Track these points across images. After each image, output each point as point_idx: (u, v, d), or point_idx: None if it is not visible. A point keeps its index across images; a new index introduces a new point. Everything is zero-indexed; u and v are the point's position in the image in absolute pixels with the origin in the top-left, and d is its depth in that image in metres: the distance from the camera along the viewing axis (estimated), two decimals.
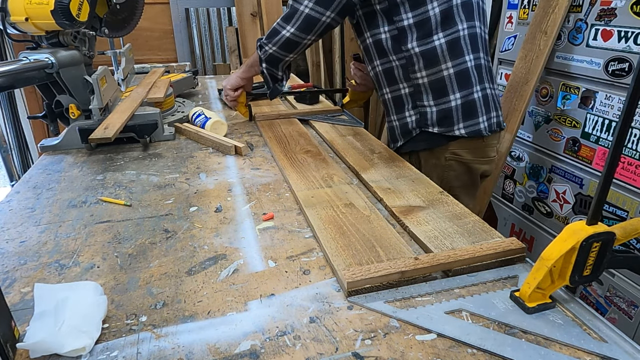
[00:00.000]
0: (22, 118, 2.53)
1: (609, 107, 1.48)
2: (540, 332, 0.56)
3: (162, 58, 2.91)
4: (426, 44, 1.09)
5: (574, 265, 0.57)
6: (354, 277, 0.63)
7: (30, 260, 0.73)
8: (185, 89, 1.85)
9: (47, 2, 1.08)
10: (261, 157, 1.18)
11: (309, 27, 1.11)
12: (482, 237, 0.76)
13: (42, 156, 1.21)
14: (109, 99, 1.26)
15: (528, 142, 1.88)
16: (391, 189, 0.95)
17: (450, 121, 1.14)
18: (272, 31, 1.17)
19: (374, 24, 1.15)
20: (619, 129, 0.51)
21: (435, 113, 1.14)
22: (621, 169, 1.44)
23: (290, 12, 1.12)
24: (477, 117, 1.14)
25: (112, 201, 0.93)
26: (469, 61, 1.11)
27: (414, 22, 1.08)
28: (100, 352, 0.54)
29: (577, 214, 1.67)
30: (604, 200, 0.55)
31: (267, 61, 1.24)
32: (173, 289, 0.66)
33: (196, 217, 0.87)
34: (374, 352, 0.54)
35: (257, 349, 0.54)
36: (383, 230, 0.79)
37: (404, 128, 1.22)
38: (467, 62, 1.11)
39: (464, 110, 1.13)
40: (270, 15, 2.90)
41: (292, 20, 1.12)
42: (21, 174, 2.40)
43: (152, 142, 1.28)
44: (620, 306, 1.50)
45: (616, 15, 1.41)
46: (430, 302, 0.62)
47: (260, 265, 0.71)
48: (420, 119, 1.17)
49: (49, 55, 1.17)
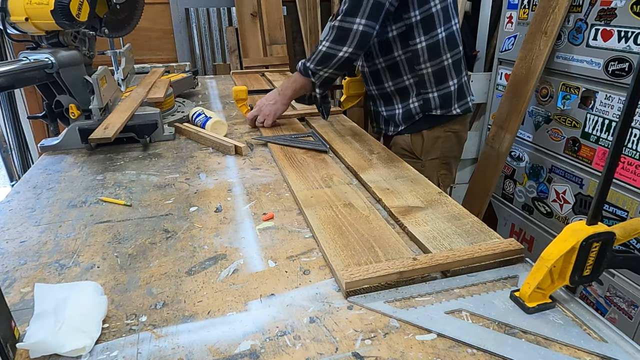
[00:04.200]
0: (22, 118, 2.53)
1: (609, 107, 1.48)
2: (540, 332, 0.56)
3: (162, 58, 2.91)
4: (431, 37, 1.21)
5: (574, 265, 0.57)
6: (353, 277, 0.63)
7: (30, 260, 0.73)
8: (185, 89, 1.85)
9: (47, 2, 1.08)
10: (261, 157, 1.18)
11: (365, 42, 1.15)
12: (480, 238, 0.76)
13: (42, 156, 1.21)
14: (109, 99, 1.26)
15: (528, 142, 1.88)
16: (390, 189, 0.95)
17: (449, 103, 1.30)
18: (323, 56, 1.19)
19: (382, 24, 1.19)
20: (619, 129, 0.51)
21: (437, 98, 1.28)
22: (621, 169, 1.44)
23: (342, 34, 1.14)
24: (466, 97, 1.34)
25: (112, 201, 0.93)
26: (460, 51, 1.28)
27: (420, 19, 1.18)
28: (100, 352, 0.54)
29: (577, 214, 1.67)
30: (604, 200, 0.55)
31: (321, 85, 1.28)
32: (173, 289, 0.66)
33: (196, 217, 0.87)
34: (374, 352, 0.54)
35: (257, 349, 0.54)
36: (382, 230, 0.79)
37: (406, 114, 1.33)
38: (459, 51, 1.28)
39: (458, 93, 1.31)
40: (270, 15, 2.91)
41: (348, 41, 1.14)
42: (21, 174, 2.41)
43: (152, 142, 1.28)
44: (620, 306, 1.50)
45: (616, 15, 1.41)
46: (430, 302, 0.62)
47: (260, 265, 0.71)
48: (423, 105, 1.30)
49: (49, 55, 1.17)
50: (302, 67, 1.26)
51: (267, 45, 2.94)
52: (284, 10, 3.00)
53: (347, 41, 1.14)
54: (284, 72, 2.36)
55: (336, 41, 1.16)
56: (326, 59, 1.19)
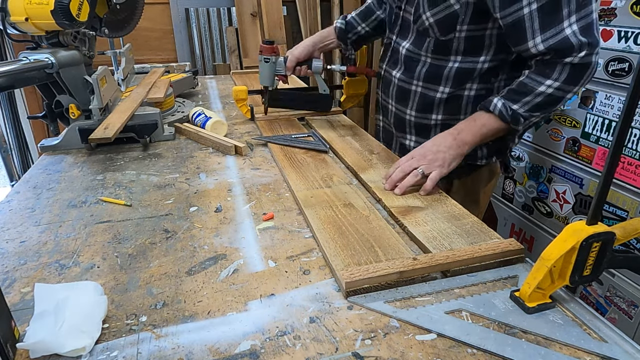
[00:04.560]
0: (22, 118, 2.53)
1: (609, 107, 1.48)
2: (540, 332, 0.56)
3: (162, 58, 2.91)
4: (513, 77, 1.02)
5: (574, 265, 0.57)
6: (352, 277, 0.63)
7: (30, 260, 0.73)
8: (185, 89, 1.85)
9: (47, 2, 1.08)
10: (261, 157, 1.18)
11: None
12: (480, 238, 0.76)
13: (42, 156, 1.21)
14: (109, 99, 1.26)
15: (528, 142, 1.88)
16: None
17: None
18: (548, 100, 0.93)
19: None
20: (619, 129, 0.51)
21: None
22: (621, 169, 1.45)
23: (582, 70, 0.90)
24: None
25: (112, 201, 0.93)
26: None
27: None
28: (100, 352, 0.54)
29: (577, 214, 1.67)
30: (604, 200, 0.55)
31: (522, 134, 1.15)
32: (173, 289, 0.66)
33: (196, 217, 0.87)
34: (374, 352, 0.54)
35: (257, 349, 0.54)
36: (382, 230, 0.79)
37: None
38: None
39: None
40: (270, 15, 2.90)
41: (584, 77, 0.93)
42: (21, 174, 2.40)
43: (152, 142, 1.28)
44: (620, 306, 1.50)
45: (616, 15, 1.41)
46: (430, 302, 0.62)
47: (260, 265, 0.71)
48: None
49: (49, 55, 1.17)
50: (503, 109, 0.95)
51: None
52: (284, 10, 3.00)
53: (582, 78, 0.91)
54: None
55: (570, 81, 0.90)
56: (552, 103, 0.93)
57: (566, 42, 0.86)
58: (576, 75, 0.90)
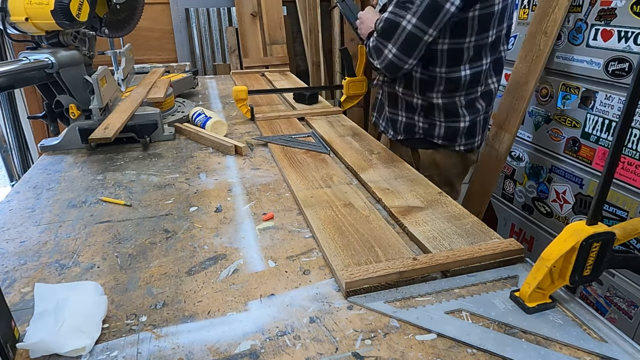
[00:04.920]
0: (22, 118, 2.53)
1: (609, 107, 1.48)
2: (540, 332, 0.56)
3: (162, 58, 2.91)
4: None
5: (574, 265, 0.57)
6: (352, 277, 0.63)
7: (30, 260, 0.73)
8: (185, 89, 1.85)
9: (47, 2, 1.08)
10: (261, 157, 1.18)
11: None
12: (480, 238, 0.76)
13: (42, 156, 1.21)
14: (109, 99, 1.26)
15: (528, 142, 1.87)
16: (390, 189, 0.95)
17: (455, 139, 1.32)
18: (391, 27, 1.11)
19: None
20: (619, 129, 0.51)
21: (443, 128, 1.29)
22: (621, 169, 1.44)
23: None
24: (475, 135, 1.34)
25: (112, 201, 0.93)
26: (477, 91, 1.29)
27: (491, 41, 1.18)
28: (100, 352, 0.54)
29: (577, 214, 1.67)
30: (604, 200, 0.55)
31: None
32: (173, 289, 0.66)
33: (196, 217, 0.87)
34: (374, 352, 0.54)
35: (257, 349, 0.54)
36: (382, 230, 0.79)
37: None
38: (476, 91, 1.29)
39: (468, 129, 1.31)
40: (270, 15, 2.91)
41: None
42: (21, 174, 2.40)
43: (152, 142, 1.28)
44: (620, 306, 1.50)
45: (616, 15, 1.41)
46: (430, 302, 0.62)
47: (260, 265, 0.71)
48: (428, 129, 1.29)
49: (49, 55, 1.17)
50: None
51: (267, 45, 2.94)
52: (284, 10, 3.00)
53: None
54: (284, 72, 2.36)
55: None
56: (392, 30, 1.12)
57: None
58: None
